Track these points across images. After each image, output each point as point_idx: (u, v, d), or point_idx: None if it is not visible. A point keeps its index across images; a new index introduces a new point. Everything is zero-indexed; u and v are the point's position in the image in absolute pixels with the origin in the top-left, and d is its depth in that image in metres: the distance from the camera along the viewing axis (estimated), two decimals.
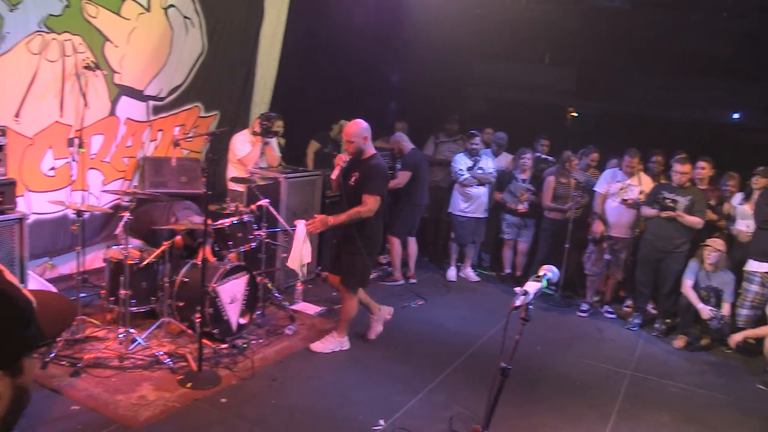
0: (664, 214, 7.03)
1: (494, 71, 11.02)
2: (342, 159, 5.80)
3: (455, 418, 4.89)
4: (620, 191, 7.60)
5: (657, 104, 9.98)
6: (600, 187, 7.80)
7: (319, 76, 9.58)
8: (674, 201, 7.00)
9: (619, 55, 9.45)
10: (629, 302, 8.17)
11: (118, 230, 5.52)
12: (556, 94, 10.51)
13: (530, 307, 2.69)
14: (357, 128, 5.73)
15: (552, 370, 6.15)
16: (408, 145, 8.38)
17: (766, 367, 6.33)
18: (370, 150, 5.84)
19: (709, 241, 6.94)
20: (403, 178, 8.22)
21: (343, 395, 5.21)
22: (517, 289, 2.79)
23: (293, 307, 6.85)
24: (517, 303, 2.71)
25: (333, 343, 6.02)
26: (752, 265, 6.79)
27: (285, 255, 6.50)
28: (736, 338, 6.51)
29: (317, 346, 5.97)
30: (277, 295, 6.86)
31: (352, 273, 5.89)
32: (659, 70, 9.75)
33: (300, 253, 5.92)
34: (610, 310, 7.97)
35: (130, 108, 7.19)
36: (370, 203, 5.65)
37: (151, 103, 7.47)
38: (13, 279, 1.02)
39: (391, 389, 5.34)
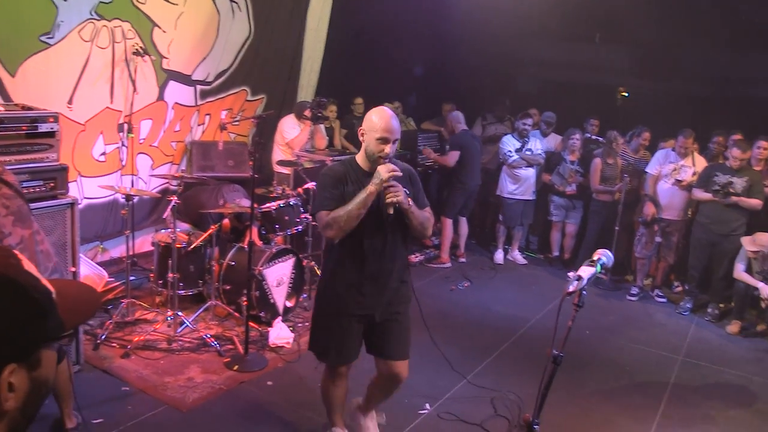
0: (725, 200, 6.81)
1: (542, 51, 10.76)
2: (393, 171, 3.45)
3: (498, 401, 4.86)
4: (673, 172, 7.39)
5: (716, 82, 9.58)
6: (652, 168, 7.59)
7: (365, 58, 9.51)
8: (730, 183, 6.78)
9: (676, 31, 9.10)
10: (678, 285, 7.98)
11: (166, 214, 5.61)
12: (608, 73, 10.20)
13: (584, 293, 2.61)
14: (397, 121, 3.61)
15: (601, 355, 6.04)
16: (461, 126, 8.36)
17: None
18: None
19: (751, 246, 6.68)
20: (452, 157, 8.20)
21: None
22: (571, 274, 2.70)
23: None
24: (571, 288, 2.62)
25: None
26: None
27: None
28: None
29: None
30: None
31: (409, 337, 4.18)
32: (718, 46, 9.36)
33: None
34: (660, 294, 7.78)
35: (177, 93, 7.27)
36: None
37: (199, 87, 7.54)
38: (31, 269, 1.01)
39: (436, 373, 5.30)
